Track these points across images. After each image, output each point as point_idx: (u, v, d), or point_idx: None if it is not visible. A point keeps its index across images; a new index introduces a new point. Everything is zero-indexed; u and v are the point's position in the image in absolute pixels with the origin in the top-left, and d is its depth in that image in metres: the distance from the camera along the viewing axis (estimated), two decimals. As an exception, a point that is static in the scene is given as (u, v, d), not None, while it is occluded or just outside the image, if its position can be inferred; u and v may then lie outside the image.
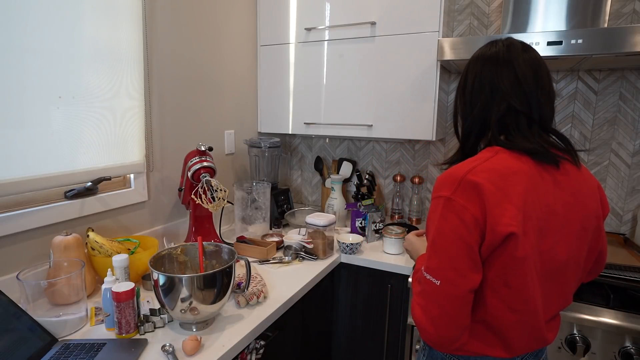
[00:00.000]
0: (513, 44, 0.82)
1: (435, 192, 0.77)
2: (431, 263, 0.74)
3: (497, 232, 0.69)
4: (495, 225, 0.69)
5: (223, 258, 1.07)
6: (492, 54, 0.83)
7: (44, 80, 1.05)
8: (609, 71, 1.54)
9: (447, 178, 0.75)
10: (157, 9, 1.39)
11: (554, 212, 0.75)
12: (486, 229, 0.70)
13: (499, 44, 0.83)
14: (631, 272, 1.24)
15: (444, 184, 0.75)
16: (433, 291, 0.73)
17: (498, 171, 0.73)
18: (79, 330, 0.95)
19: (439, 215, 0.74)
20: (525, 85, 0.79)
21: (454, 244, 0.72)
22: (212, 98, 1.69)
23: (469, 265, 0.71)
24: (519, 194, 0.71)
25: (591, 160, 1.61)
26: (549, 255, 0.75)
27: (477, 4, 1.70)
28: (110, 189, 1.30)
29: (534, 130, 0.80)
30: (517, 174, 0.73)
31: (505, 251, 0.71)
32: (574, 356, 1.12)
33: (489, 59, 0.83)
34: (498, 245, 0.70)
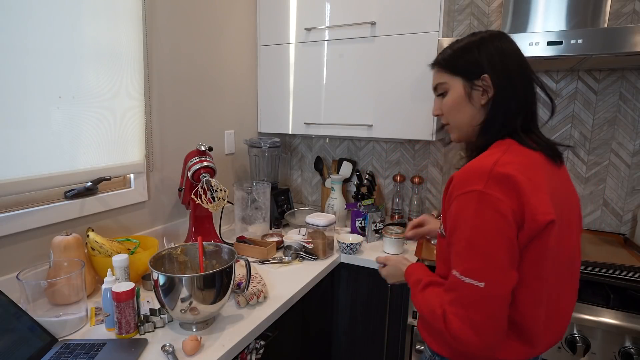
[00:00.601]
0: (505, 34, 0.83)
1: (463, 188, 0.72)
2: (471, 264, 0.69)
3: (538, 221, 0.69)
4: (536, 215, 0.68)
5: (223, 258, 1.07)
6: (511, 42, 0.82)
7: (44, 80, 1.05)
8: (609, 71, 1.54)
9: (473, 172, 0.72)
10: (157, 9, 1.39)
11: (566, 205, 0.77)
12: (525, 219, 0.68)
13: (503, 33, 0.83)
14: (631, 272, 1.24)
15: (470, 179, 0.71)
16: (476, 295, 0.68)
17: (522, 162, 0.73)
18: (79, 330, 0.95)
19: (474, 211, 0.69)
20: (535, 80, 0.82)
21: (494, 240, 0.68)
22: (212, 98, 1.69)
23: (510, 261, 0.68)
24: (545, 184, 0.73)
25: (591, 160, 1.61)
26: (565, 247, 0.76)
27: (477, 4, 1.70)
28: (110, 189, 1.30)
29: (537, 126, 0.83)
30: (537, 166, 0.75)
31: (541, 241, 0.71)
32: (574, 356, 1.12)
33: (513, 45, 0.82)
34: (535, 236, 0.70)
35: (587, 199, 1.64)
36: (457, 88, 0.84)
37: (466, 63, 0.82)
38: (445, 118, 0.89)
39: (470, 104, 0.82)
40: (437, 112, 0.90)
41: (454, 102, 0.85)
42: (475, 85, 0.81)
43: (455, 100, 0.84)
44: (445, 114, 0.88)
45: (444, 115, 0.89)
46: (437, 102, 0.90)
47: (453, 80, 0.84)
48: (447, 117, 0.88)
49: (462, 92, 0.83)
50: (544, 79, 1.64)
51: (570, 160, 1.65)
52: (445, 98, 0.87)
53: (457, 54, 0.84)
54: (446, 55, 0.86)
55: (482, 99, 0.81)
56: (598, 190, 1.62)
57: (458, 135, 0.89)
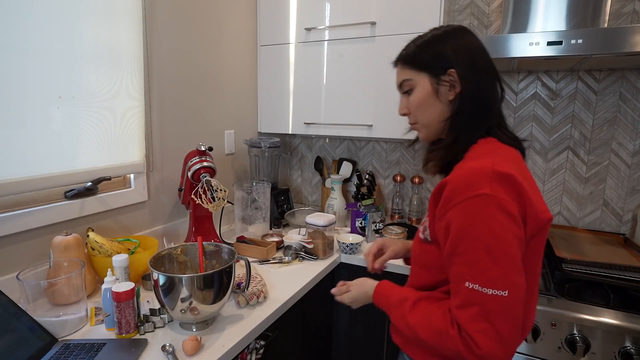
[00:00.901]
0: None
1: (466, 193, 0.67)
2: (493, 273, 0.64)
3: (541, 219, 0.69)
4: (537, 213, 0.68)
5: (223, 258, 1.07)
6: (474, 36, 0.81)
7: (44, 80, 1.05)
8: (609, 71, 1.54)
9: (474, 175, 0.68)
10: (157, 9, 1.39)
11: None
12: (527, 218, 0.68)
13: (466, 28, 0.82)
14: (631, 272, 1.24)
15: (473, 183, 0.67)
16: (502, 306, 0.63)
17: (512, 161, 0.72)
18: (79, 330, 0.95)
19: (487, 216, 0.65)
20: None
21: (511, 244, 0.65)
22: (212, 98, 1.69)
23: (522, 261, 0.67)
24: (532, 180, 0.74)
25: (591, 160, 1.61)
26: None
27: (477, 4, 1.70)
28: (110, 189, 1.30)
29: (505, 121, 0.84)
30: (521, 163, 0.75)
31: (539, 238, 0.71)
32: (574, 356, 1.12)
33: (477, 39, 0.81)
34: (537, 234, 0.70)
35: (587, 199, 1.64)
36: (423, 84, 0.80)
37: (432, 58, 0.80)
38: (412, 117, 0.85)
39: (438, 100, 0.80)
40: (404, 111, 0.86)
41: (421, 99, 0.81)
42: (442, 81, 0.78)
43: (423, 97, 0.81)
44: (413, 112, 0.84)
45: (412, 114, 0.85)
46: (403, 101, 0.87)
47: (419, 77, 0.81)
48: (415, 116, 0.84)
49: (429, 88, 0.80)
50: (544, 79, 1.64)
51: (570, 160, 1.65)
52: (411, 96, 0.83)
53: (422, 49, 0.81)
54: (410, 50, 0.83)
55: (450, 95, 0.78)
56: (598, 190, 1.62)
57: (427, 133, 0.85)
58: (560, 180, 1.67)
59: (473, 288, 0.65)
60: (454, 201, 0.68)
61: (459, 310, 0.66)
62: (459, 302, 0.67)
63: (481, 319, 0.64)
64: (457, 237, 0.68)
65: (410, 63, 0.82)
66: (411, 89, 0.83)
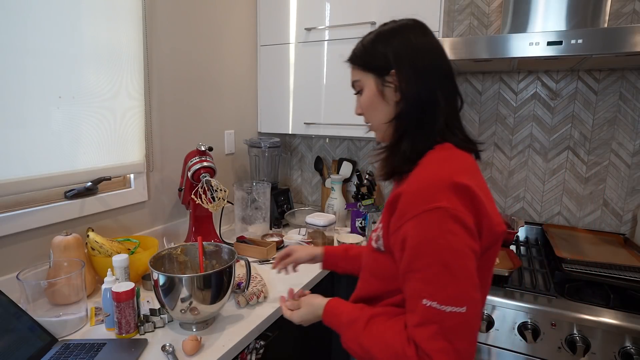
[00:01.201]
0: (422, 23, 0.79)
1: (423, 205, 0.63)
2: (451, 291, 0.61)
3: (496, 232, 0.67)
4: (493, 226, 0.66)
5: (223, 258, 1.07)
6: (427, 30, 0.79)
7: (44, 80, 1.05)
8: (609, 71, 1.54)
9: (430, 186, 0.65)
10: (157, 9, 1.39)
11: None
12: (483, 231, 0.66)
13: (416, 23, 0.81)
14: (631, 272, 1.24)
15: (430, 194, 0.64)
16: (460, 323, 0.61)
17: (468, 169, 0.69)
18: (79, 330, 0.95)
19: (446, 231, 0.62)
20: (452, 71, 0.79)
21: (468, 258, 0.63)
22: (212, 98, 1.69)
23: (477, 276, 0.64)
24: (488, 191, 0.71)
25: (591, 160, 1.61)
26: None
27: (477, 4, 1.70)
28: (110, 189, 1.30)
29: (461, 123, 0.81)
30: (477, 170, 0.72)
31: (492, 251, 0.69)
32: (574, 356, 1.12)
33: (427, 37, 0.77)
34: (490, 247, 0.68)
35: (587, 199, 1.64)
36: (370, 85, 0.78)
37: (375, 58, 0.77)
38: (365, 117, 0.83)
39: (385, 101, 0.77)
40: (359, 111, 0.84)
41: (369, 100, 0.79)
42: (387, 82, 0.76)
43: (370, 98, 0.79)
44: (364, 113, 0.82)
45: (364, 115, 0.83)
46: (357, 101, 0.84)
47: (366, 77, 0.79)
48: (367, 117, 0.82)
49: (374, 90, 0.77)
50: (544, 79, 1.64)
51: (570, 160, 1.65)
52: (362, 97, 0.81)
53: (367, 48, 0.79)
54: (358, 50, 0.81)
55: (396, 96, 0.75)
56: (598, 190, 1.62)
57: (381, 135, 0.82)
58: (560, 180, 1.67)
59: (431, 306, 0.61)
60: (410, 214, 0.65)
61: (417, 328, 0.63)
62: (416, 321, 0.63)
63: (440, 338, 0.61)
64: (413, 252, 0.64)
65: (358, 63, 0.81)
66: (361, 89, 0.81)
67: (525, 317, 1.17)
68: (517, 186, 1.75)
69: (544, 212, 1.72)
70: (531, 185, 1.72)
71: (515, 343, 1.19)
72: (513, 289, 1.25)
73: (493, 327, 1.21)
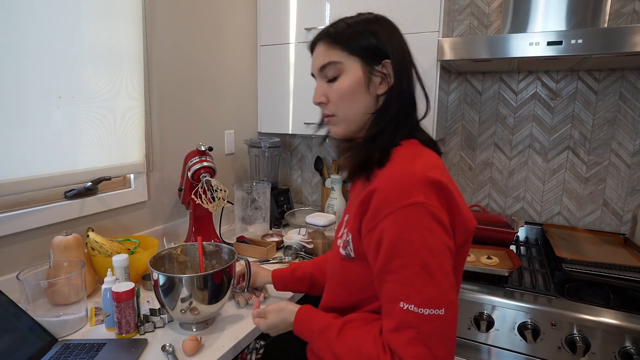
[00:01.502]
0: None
1: (398, 201, 0.60)
2: (430, 292, 0.58)
3: (469, 227, 0.66)
4: (466, 221, 0.65)
5: (223, 258, 1.07)
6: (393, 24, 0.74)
7: (44, 80, 1.05)
8: (609, 71, 1.54)
9: (405, 181, 0.61)
10: (157, 9, 1.39)
11: None
12: (456, 228, 0.64)
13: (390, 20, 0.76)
14: (631, 272, 1.24)
15: (404, 189, 0.60)
16: (438, 326, 0.58)
17: (439, 166, 0.67)
18: (79, 330, 0.95)
19: (422, 228, 0.59)
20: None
21: (445, 257, 0.60)
22: (212, 98, 1.69)
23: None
24: (457, 187, 0.70)
25: (591, 160, 1.61)
26: None
27: (477, 4, 1.70)
28: (110, 189, 1.30)
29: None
30: (445, 168, 0.70)
31: (465, 248, 0.68)
32: (574, 356, 1.12)
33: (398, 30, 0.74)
34: (463, 244, 0.66)
35: (587, 199, 1.64)
36: (354, 71, 0.69)
37: (368, 43, 0.69)
38: (332, 107, 0.73)
39: (367, 91, 0.70)
40: (322, 99, 0.73)
41: (349, 88, 0.70)
42: (375, 71, 0.70)
43: (351, 86, 0.70)
44: (334, 102, 0.72)
45: (331, 104, 0.73)
46: (321, 87, 0.73)
47: (349, 61, 0.70)
48: (337, 107, 0.72)
49: (360, 77, 0.69)
50: (544, 79, 1.64)
51: (570, 160, 1.65)
52: (336, 82, 0.71)
53: (356, 30, 0.70)
54: (341, 28, 0.71)
55: (381, 88, 0.70)
56: (598, 190, 1.62)
57: (345, 129, 0.74)
58: (560, 180, 1.67)
59: (408, 309, 0.58)
60: (385, 211, 0.61)
61: (393, 334, 0.59)
62: (392, 326, 0.60)
63: (418, 343, 0.57)
64: (389, 252, 0.60)
65: (341, 43, 0.70)
66: (338, 74, 0.71)
67: (525, 317, 1.17)
68: (517, 186, 1.75)
69: (544, 212, 1.72)
70: (531, 185, 1.72)
71: (515, 343, 1.19)
72: (513, 289, 1.25)
73: (493, 327, 1.21)
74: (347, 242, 0.70)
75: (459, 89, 1.80)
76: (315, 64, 0.73)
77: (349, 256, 0.71)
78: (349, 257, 0.71)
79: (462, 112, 1.80)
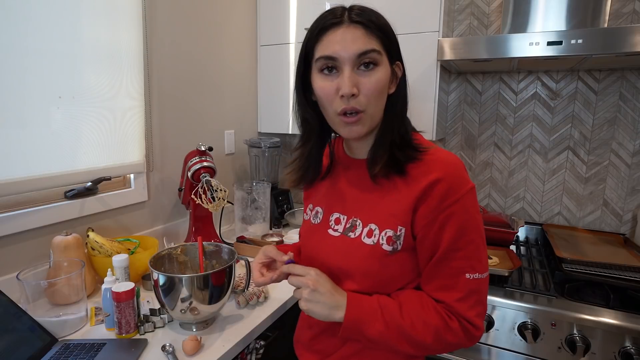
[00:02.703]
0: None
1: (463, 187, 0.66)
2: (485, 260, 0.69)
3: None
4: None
5: (223, 258, 1.07)
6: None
7: (44, 80, 1.05)
8: (609, 71, 1.54)
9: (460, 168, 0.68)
10: (157, 9, 1.39)
11: None
12: None
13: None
14: (631, 272, 1.24)
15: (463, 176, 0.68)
16: (486, 283, 0.69)
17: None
18: (79, 330, 0.95)
19: (477, 207, 0.69)
20: None
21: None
22: (212, 98, 1.69)
23: None
24: None
25: (591, 160, 1.61)
26: None
27: (477, 4, 1.70)
28: (110, 189, 1.30)
29: None
30: None
31: None
32: (574, 356, 1.12)
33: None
34: None
35: (587, 199, 1.64)
36: (387, 65, 0.68)
37: (395, 40, 0.70)
38: (364, 102, 0.66)
39: (388, 89, 0.70)
40: (354, 90, 0.65)
41: (384, 82, 0.67)
42: (393, 71, 0.71)
43: (385, 80, 0.67)
44: (368, 96, 0.66)
45: (364, 97, 0.66)
46: (353, 77, 0.65)
47: (383, 55, 0.67)
48: (369, 101, 0.66)
49: (389, 73, 0.69)
50: (544, 79, 1.64)
51: (570, 160, 1.65)
52: (375, 74, 0.66)
53: (387, 25, 0.69)
54: (382, 22, 0.67)
55: (391, 88, 0.71)
56: (598, 190, 1.62)
57: (368, 128, 0.70)
58: (560, 180, 1.67)
59: (474, 278, 0.67)
60: (452, 198, 0.66)
61: (459, 302, 0.67)
62: (459, 296, 0.67)
63: (478, 304, 0.68)
64: (458, 232, 0.66)
65: (381, 34, 0.66)
66: (376, 65, 0.66)
67: (525, 317, 1.17)
68: (517, 186, 1.75)
69: (544, 212, 1.72)
70: (531, 185, 1.72)
71: (515, 343, 1.19)
72: (513, 289, 1.25)
73: (493, 327, 1.21)
74: (398, 237, 0.69)
75: (459, 89, 1.80)
76: (353, 48, 0.64)
77: (395, 250, 0.70)
78: (395, 251, 0.70)
79: (462, 112, 1.80)
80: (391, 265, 0.72)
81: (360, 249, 0.73)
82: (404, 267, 0.73)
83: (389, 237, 0.70)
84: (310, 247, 0.85)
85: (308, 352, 0.86)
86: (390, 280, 0.73)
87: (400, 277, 0.73)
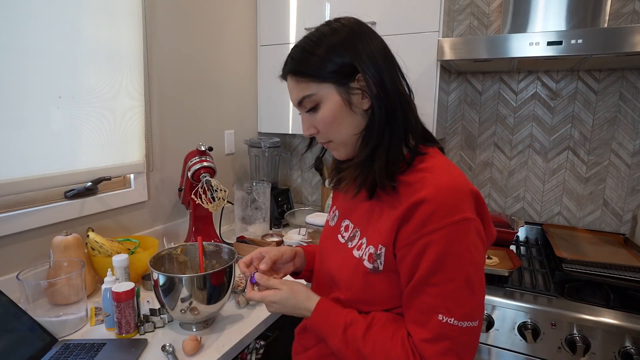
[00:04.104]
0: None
1: (450, 216, 0.58)
2: (471, 306, 0.59)
3: (493, 237, 0.67)
4: (492, 232, 0.67)
5: (223, 258, 1.07)
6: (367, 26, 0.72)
7: (44, 80, 1.05)
8: (609, 71, 1.54)
9: (455, 194, 0.60)
10: (157, 9, 1.39)
11: None
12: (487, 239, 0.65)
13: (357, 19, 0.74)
14: (631, 272, 1.24)
15: (456, 203, 0.59)
16: (471, 337, 0.60)
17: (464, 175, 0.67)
18: (79, 330, 0.95)
19: (470, 244, 0.59)
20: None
21: (483, 271, 0.62)
22: (212, 98, 1.69)
23: None
24: None
25: (591, 160, 1.61)
26: None
27: (477, 4, 1.70)
28: (110, 189, 1.30)
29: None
30: None
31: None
32: (574, 356, 1.12)
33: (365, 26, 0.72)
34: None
35: (587, 199, 1.64)
36: (332, 97, 0.67)
37: (335, 66, 0.65)
38: (323, 136, 0.71)
39: (352, 112, 0.67)
40: (312, 131, 0.71)
41: (333, 114, 0.67)
42: (352, 89, 0.66)
43: (334, 112, 0.67)
44: (323, 131, 0.70)
45: (322, 134, 0.71)
46: (306, 120, 0.71)
47: (323, 89, 0.67)
48: (328, 134, 0.70)
49: (339, 101, 0.66)
50: (544, 79, 1.64)
51: (570, 160, 1.65)
52: (318, 113, 0.68)
53: (319, 55, 0.66)
54: (303, 58, 0.68)
55: (364, 103, 0.67)
56: (598, 190, 1.62)
57: (346, 151, 0.72)
58: (560, 180, 1.67)
59: (447, 322, 0.58)
60: (434, 225, 0.59)
61: (427, 344, 0.60)
62: (426, 336, 0.60)
63: (451, 354, 0.59)
64: (434, 265, 0.59)
65: (307, 75, 0.67)
66: (316, 105, 0.68)
67: (525, 317, 1.17)
68: (517, 186, 1.75)
69: (544, 212, 1.72)
70: (531, 185, 1.72)
71: (515, 343, 1.19)
72: (513, 289, 1.25)
73: (493, 327, 1.21)
74: (378, 255, 0.66)
75: (459, 89, 1.80)
76: (292, 98, 0.71)
77: (376, 270, 0.67)
78: (376, 270, 0.67)
79: (462, 112, 1.80)
80: (375, 285, 0.68)
81: (349, 261, 0.71)
82: (390, 291, 0.67)
83: (370, 254, 0.68)
84: (321, 249, 0.85)
85: (296, 342, 0.88)
86: (372, 300, 0.69)
87: (387, 300, 0.69)
